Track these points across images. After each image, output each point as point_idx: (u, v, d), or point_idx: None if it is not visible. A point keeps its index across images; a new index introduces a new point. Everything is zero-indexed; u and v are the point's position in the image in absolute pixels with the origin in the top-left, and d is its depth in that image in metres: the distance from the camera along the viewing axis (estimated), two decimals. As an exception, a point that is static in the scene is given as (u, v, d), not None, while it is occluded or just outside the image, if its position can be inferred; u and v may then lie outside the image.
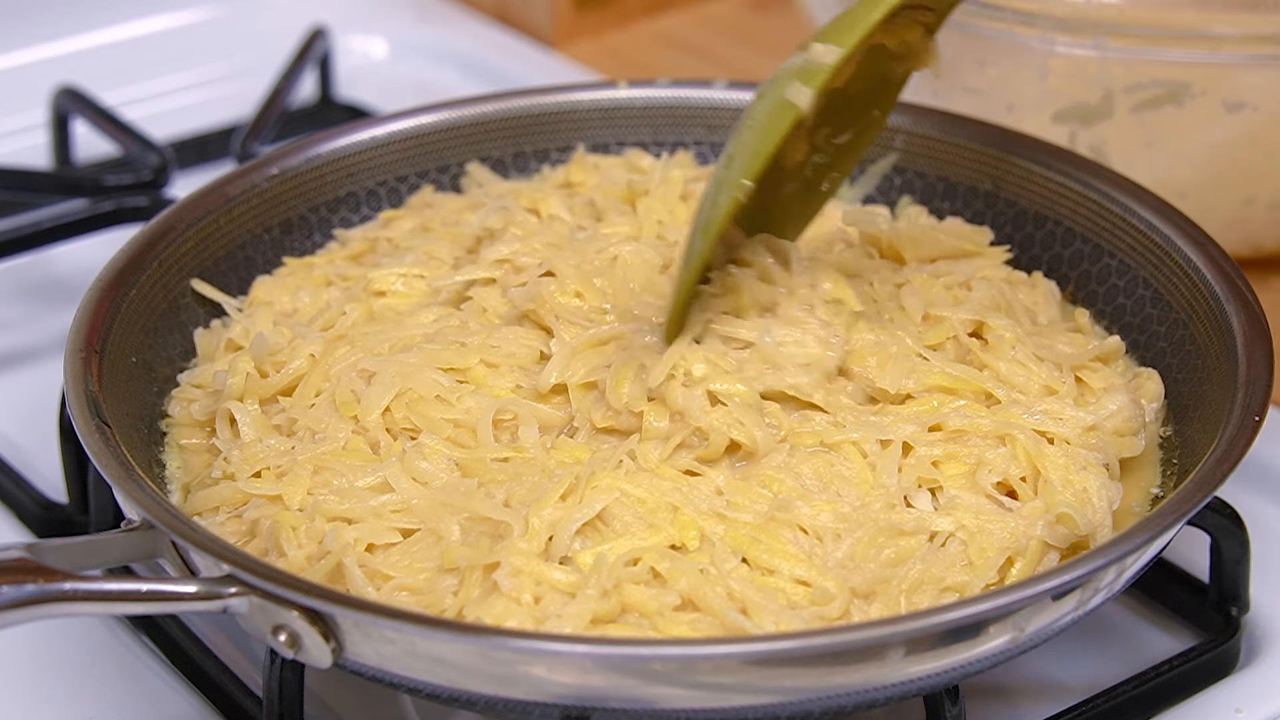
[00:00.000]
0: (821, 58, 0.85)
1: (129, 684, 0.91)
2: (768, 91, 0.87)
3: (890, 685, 0.76)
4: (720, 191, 0.86)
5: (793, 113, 0.85)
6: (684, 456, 0.84)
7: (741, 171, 0.85)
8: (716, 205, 0.86)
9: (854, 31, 0.86)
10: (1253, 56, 1.08)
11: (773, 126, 0.85)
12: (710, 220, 0.86)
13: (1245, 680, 0.90)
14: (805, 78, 0.85)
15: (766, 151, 0.85)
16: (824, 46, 0.86)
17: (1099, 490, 0.84)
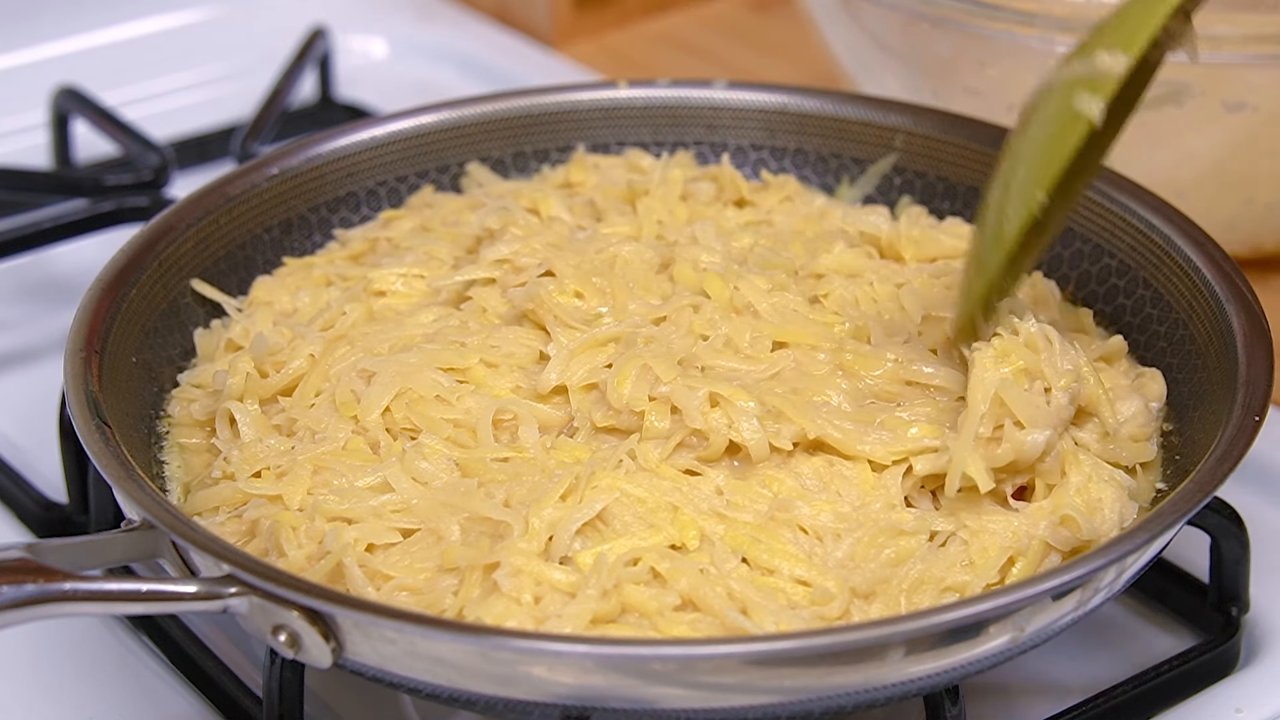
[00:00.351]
0: (1109, 67, 0.83)
1: (129, 684, 0.91)
2: (1046, 102, 0.85)
3: (890, 685, 0.76)
4: (1015, 206, 0.84)
5: (1085, 124, 0.83)
6: (684, 456, 0.84)
7: (1036, 184, 0.84)
8: (1012, 219, 0.84)
9: (1140, 35, 0.84)
10: (1253, 56, 1.08)
11: (1064, 138, 0.83)
12: (1003, 232, 0.85)
13: (1245, 680, 0.90)
14: (1094, 87, 0.83)
15: (1060, 163, 0.83)
16: (1110, 54, 0.84)
17: (1113, 503, 0.84)
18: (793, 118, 1.08)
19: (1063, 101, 0.84)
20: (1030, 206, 0.84)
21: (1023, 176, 0.84)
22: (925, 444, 0.84)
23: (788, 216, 1.03)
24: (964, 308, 0.87)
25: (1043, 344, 0.85)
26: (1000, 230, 0.85)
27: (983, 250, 0.86)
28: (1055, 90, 0.84)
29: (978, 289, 0.86)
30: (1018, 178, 0.85)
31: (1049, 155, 0.84)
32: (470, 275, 0.95)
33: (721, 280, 0.93)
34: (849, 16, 1.21)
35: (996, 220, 0.85)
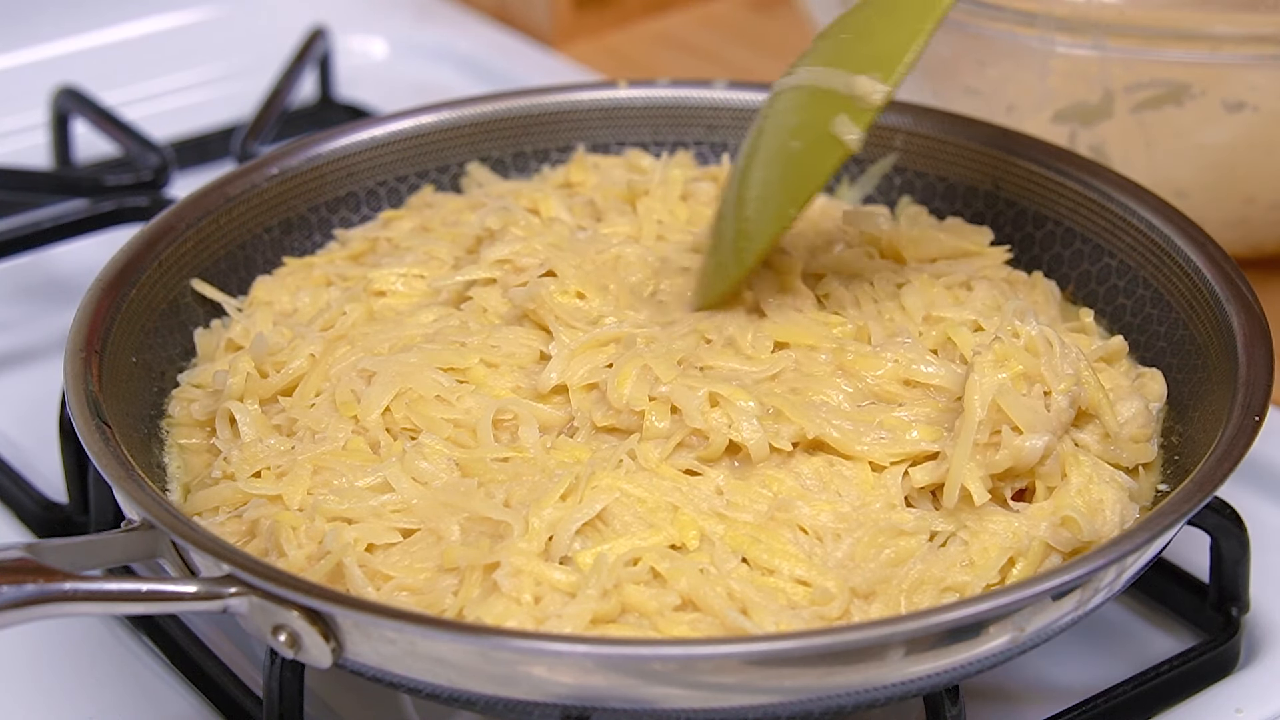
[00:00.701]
0: (870, 96, 0.85)
1: (129, 684, 0.91)
2: (794, 108, 0.87)
3: (890, 685, 0.76)
4: (761, 210, 0.87)
5: (843, 152, 0.85)
6: (684, 456, 0.84)
7: (789, 200, 0.86)
8: (758, 224, 0.87)
9: (901, 63, 0.85)
10: (1253, 56, 1.08)
11: (822, 163, 0.86)
12: (753, 239, 0.87)
13: (1245, 680, 0.90)
14: (855, 116, 0.85)
15: (815, 186, 0.86)
16: (870, 82, 0.85)
17: (1114, 504, 0.84)
18: (793, 118, 1.08)
19: (819, 117, 0.85)
20: (783, 222, 0.87)
21: (775, 188, 0.86)
22: (924, 447, 0.84)
23: (788, 216, 1.03)
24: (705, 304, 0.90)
25: (1043, 347, 0.85)
26: (749, 234, 0.87)
27: (724, 249, 0.88)
28: (807, 95, 0.86)
29: (719, 289, 0.89)
30: (767, 184, 0.86)
31: (805, 175, 0.86)
32: (470, 275, 0.95)
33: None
34: (849, 16, 1.21)
35: (739, 222, 0.87)
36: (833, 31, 0.90)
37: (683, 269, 0.96)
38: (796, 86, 0.87)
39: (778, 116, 0.88)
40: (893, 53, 0.85)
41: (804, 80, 0.87)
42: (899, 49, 0.85)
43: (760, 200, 0.87)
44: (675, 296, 0.95)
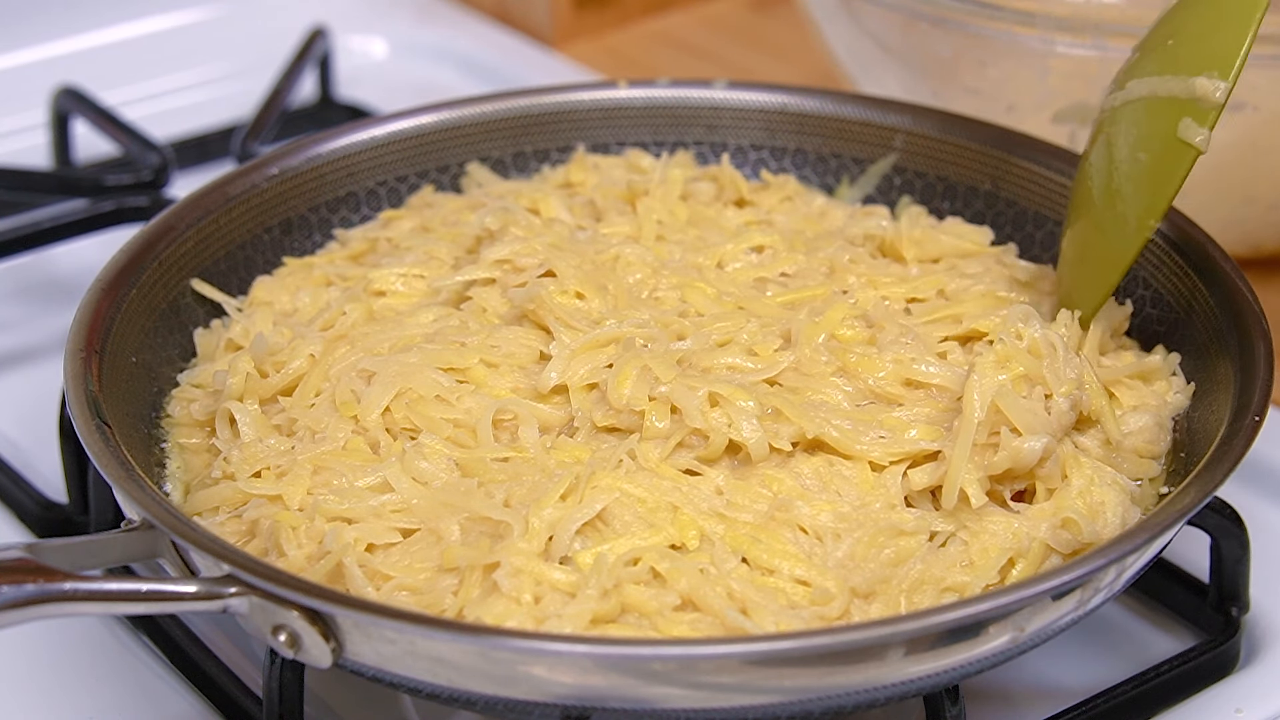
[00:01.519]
0: (1211, 94, 0.84)
1: (129, 684, 0.91)
2: (1138, 119, 0.87)
3: (890, 685, 0.76)
4: (1126, 232, 0.87)
5: (1193, 154, 0.85)
6: (684, 456, 0.84)
7: (1148, 213, 0.86)
8: (1126, 245, 0.88)
9: (1234, 59, 0.84)
10: (1253, 56, 1.08)
11: (1173, 168, 0.85)
12: (1123, 258, 0.89)
13: (1245, 680, 0.90)
14: (1199, 116, 0.85)
15: (1170, 192, 0.86)
16: (1209, 81, 0.84)
17: (1115, 506, 0.84)
18: (793, 118, 1.08)
19: (1162, 126, 0.85)
20: (1144, 233, 0.87)
21: (1130, 203, 0.86)
22: (923, 446, 0.84)
23: (788, 216, 1.03)
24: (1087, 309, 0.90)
25: (1046, 350, 0.85)
26: (1118, 255, 0.88)
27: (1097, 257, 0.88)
28: (1145, 106, 0.85)
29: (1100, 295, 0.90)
30: (1124, 197, 0.86)
31: (1159, 184, 0.86)
32: (470, 275, 0.95)
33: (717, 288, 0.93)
34: (849, 16, 1.21)
35: (1105, 235, 0.87)
36: (1154, 40, 0.90)
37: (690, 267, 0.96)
38: (1132, 100, 0.88)
39: (1119, 133, 0.88)
40: (1226, 50, 0.85)
41: (1140, 93, 0.87)
42: (1232, 45, 0.85)
43: (1118, 218, 0.88)
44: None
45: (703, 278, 0.96)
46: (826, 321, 0.91)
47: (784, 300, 0.94)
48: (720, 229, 1.01)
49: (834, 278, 0.96)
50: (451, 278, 0.95)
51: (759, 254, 0.98)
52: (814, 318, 0.91)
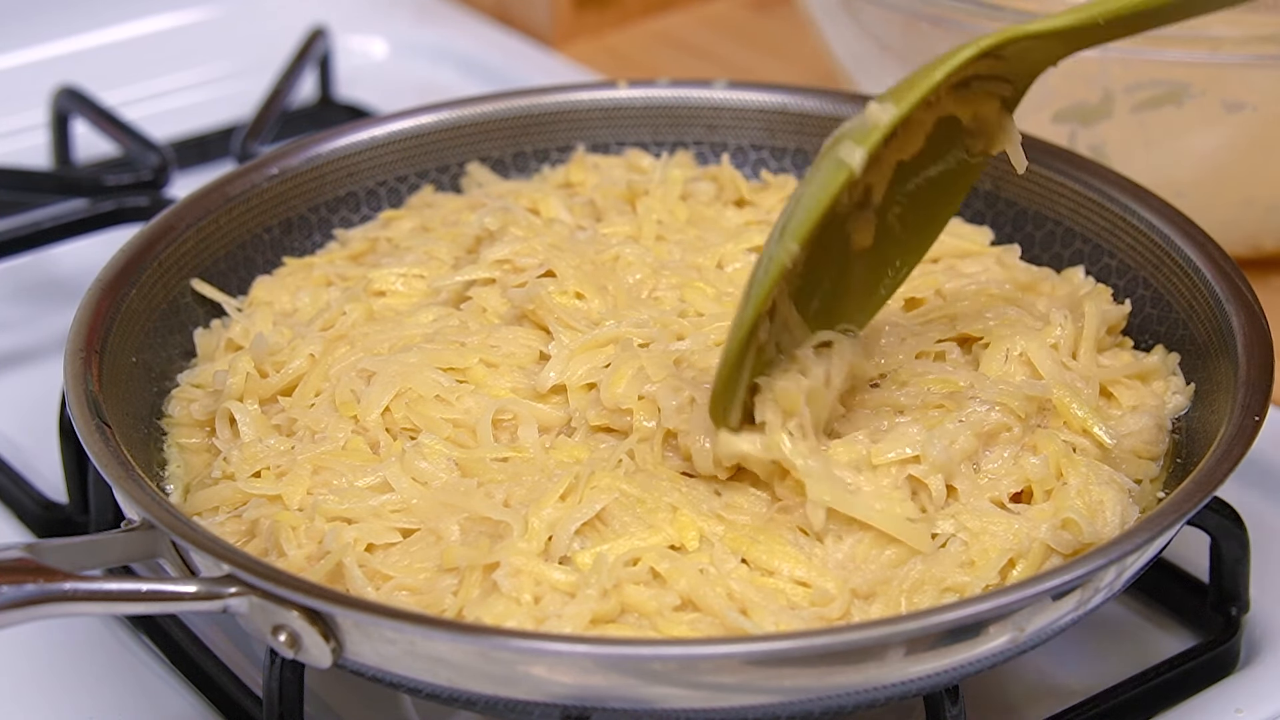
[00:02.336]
0: (877, 116, 0.81)
1: (129, 684, 0.91)
2: (821, 159, 0.82)
3: (890, 685, 0.76)
4: (768, 258, 0.81)
5: (844, 173, 0.80)
6: (674, 457, 0.84)
7: (791, 235, 0.80)
8: (765, 272, 0.80)
9: (913, 91, 0.82)
10: (1253, 56, 1.08)
11: (823, 188, 0.80)
12: (757, 287, 0.80)
13: (1245, 680, 0.90)
14: (859, 137, 0.81)
15: (816, 213, 0.80)
16: (879, 105, 0.82)
17: (1114, 505, 0.84)
18: (793, 118, 1.08)
19: (829, 153, 0.81)
20: (783, 258, 0.80)
21: (785, 233, 0.80)
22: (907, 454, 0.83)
23: (788, 216, 1.03)
24: (720, 369, 0.81)
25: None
26: (756, 286, 0.80)
27: (739, 309, 0.81)
28: (832, 146, 0.82)
29: (730, 349, 0.80)
30: (780, 237, 0.81)
31: (809, 206, 0.80)
32: (470, 275, 0.95)
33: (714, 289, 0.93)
34: (849, 16, 1.21)
35: (755, 278, 0.80)
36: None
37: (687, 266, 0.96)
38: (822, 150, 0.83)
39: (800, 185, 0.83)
40: (911, 86, 0.82)
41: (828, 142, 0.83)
42: (917, 82, 0.82)
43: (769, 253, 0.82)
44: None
45: (702, 278, 0.96)
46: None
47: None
48: (720, 229, 1.01)
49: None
50: (451, 278, 0.95)
51: (759, 254, 0.98)
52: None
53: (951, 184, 0.89)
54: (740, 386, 0.81)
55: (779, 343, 0.84)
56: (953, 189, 0.89)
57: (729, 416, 0.82)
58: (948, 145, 0.87)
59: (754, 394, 0.82)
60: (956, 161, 0.88)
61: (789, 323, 0.84)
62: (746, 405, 0.82)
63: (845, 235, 0.86)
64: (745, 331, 0.80)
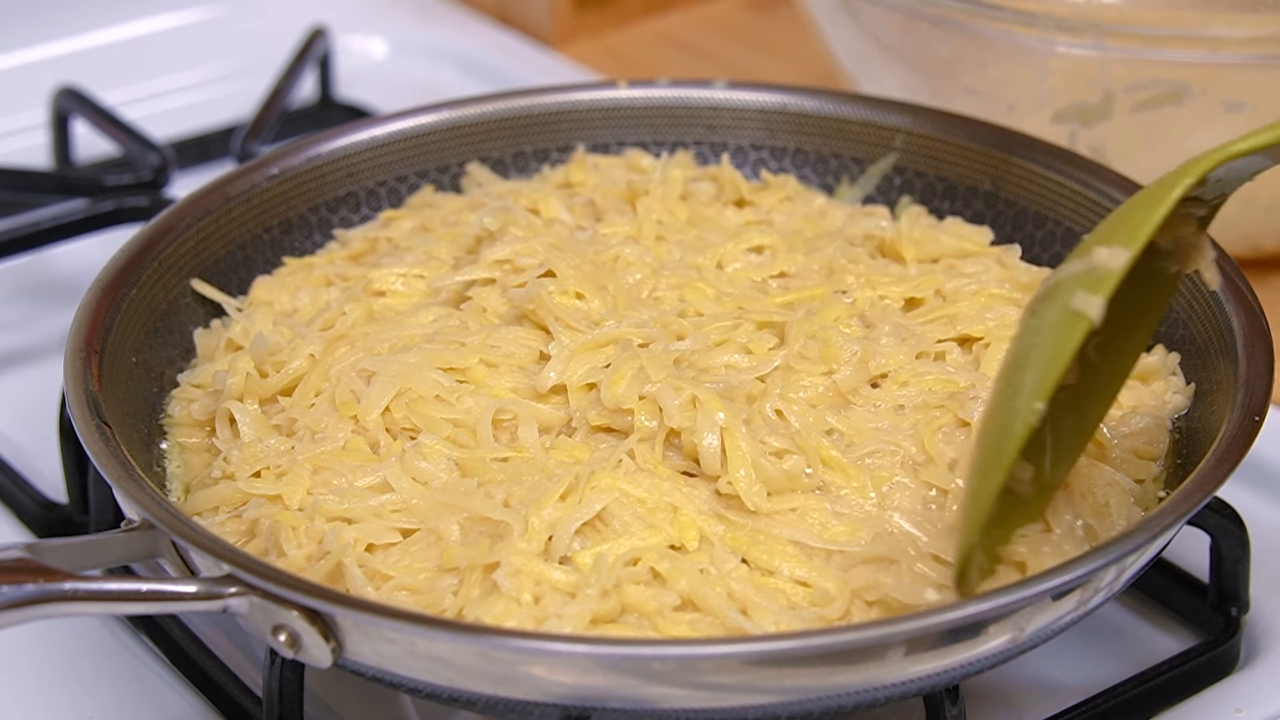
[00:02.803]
0: (1108, 263, 0.76)
1: (129, 684, 0.91)
2: (1044, 306, 0.78)
3: (890, 685, 0.76)
4: (1011, 419, 0.76)
5: (1084, 324, 0.76)
6: (675, 457, 0.84)
7: (1033, 395, 0.75)
8: (1008, 434, 0.76)
9: (1140, 231, 0.77)
10: (1253, 56, 1.08)
11: (1062, 342, 0.76)
12: (1004, 450, 0.76)
13: (1245, 680, 0.90)
14: (1092, 286, 0.76)
15: (1058, 369, 0.76)
16: (1109, 250, 0.77)
17: (1119, 507, 0.84)
18: (793, 118, 1.08)
19: (1061, 303, 0.77)
20: (1028, 419, 0.76)
21: (1023, 393, 0.76)
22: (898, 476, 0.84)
23: (788, 216, 1.03)
24: (962, 537, 0.77)
25: None
26: (1001, 448, 0.76)
27: (976, 475, 0.77)
28: (1054, 293, 0.78)
29: (974, 515, 0.77)
30: (1018, 396, 0.76)
31: (1049, 362, 0.76)
32: (470, 275, 0.95)
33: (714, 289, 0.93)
34: (849, 16, 1.21)
35: (997, 439, 0.77)
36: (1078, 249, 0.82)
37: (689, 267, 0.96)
38: (1043, 293, 0.79)
39: (1023, 329, 0.79)
40: (1135, 226, 0.78)
41: (1048, 284, 0.79)
42: (1142, 221, 0.78)
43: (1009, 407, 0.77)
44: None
45: (702, 278, 0.96)
46: (821, 320, 0.91)
47: (783, 300, 0.94)
48: (720, 229, 1.01)
49: (833, 278, 0.96)
50: (451, 278, 0.95)
51: (759, 254, 0.98)
52: (810, 317, 0.91)
53: (1151, 305, 0.85)
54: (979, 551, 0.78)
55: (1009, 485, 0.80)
56: (1152, 310, 0.85)
57: (970, 583, 0.78)
58: (1147, 269, 0.82)
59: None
60: (1154, 283, 0.84)
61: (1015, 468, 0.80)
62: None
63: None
64: (992, 498, 0.76)
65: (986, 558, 0.80)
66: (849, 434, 0.85)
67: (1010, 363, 0.78)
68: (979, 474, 0.77)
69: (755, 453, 0.82)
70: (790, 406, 0.86)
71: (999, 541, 0.80)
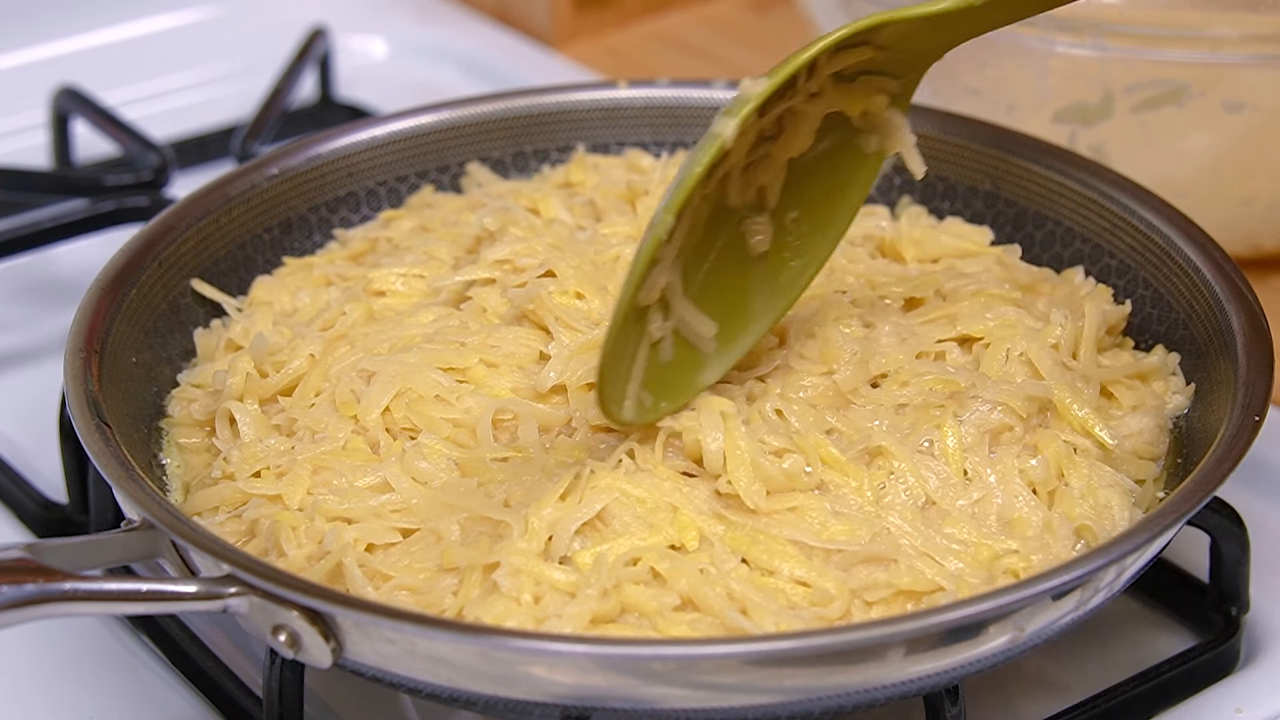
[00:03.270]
0: (748, 90, 0.82)
1: (129, 684, 0.91)
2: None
3: (890, 685, 0.76)
4: (647, 236, 0.81)
5: (716, 143, 0.80)
6: (676, 457, 0.84)
7: (665, 210, 0.80)
8: (640, 246, 0.81)
9: (786, 67, 0.82)
10: (1253, 56, 1.08)
11: (695, 160, 0.81)
12: (635, 266, 0.80)
13: (1245, 680, 0.90)
14: (731, 111, 0.81)
15: (689, 184, 0.80)
16: (752, 80, 0.82)
17: (1120, 509, 0.84)
18: (793, 118, 1.08)
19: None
20: (658, 231, 0.80)
21: (660, 207, 0.81)
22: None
23: (788, 216, 1.03)
24: (600, 355, 0.81)
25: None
26: (634, 262, 0.80)
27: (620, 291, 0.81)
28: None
29: (609, 330, 0.81)
30: (658, 211, 0.81)
31: (683, 179, 0.80)
32: (470, 275, 0.95)
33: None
34: (849, 17, 1.21)
35: (634, 257, 0.81)
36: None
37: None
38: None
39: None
40: (785, 62, 0.83)
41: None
42: (793, 57, 0.83)
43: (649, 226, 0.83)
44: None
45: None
46: (820, 320, 0.91)
47: (783, 300, 0.94)
48: (720, 229, 1.01)
49: (832, 278, 0.96)
50: (451, 278, 0.95)
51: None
52: (810, 317, 0.91)
53: (848, 185, 0.89)
54: (627, 374, 0.83)
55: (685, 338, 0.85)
56: (850, 190, 0.89)
57: (618, 408, 0.82)
58: (840, 145, 0.88)
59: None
60: (851, 161, 0.88)
61: (688, 319, 0.85)
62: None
63: (741, 237, 0.87)
64: (624, 308, 0.81)
65: (653, 395, 0.84)
66: (849, 433, 0.85)
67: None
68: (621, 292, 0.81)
69: (754, 452, 0.82)
70: (790, 406, 0.86)
71: (675, 391, 0.84)
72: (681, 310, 0.85)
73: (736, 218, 0.87)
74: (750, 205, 0.87)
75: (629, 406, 0.83)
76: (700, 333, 0.86)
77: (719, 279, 0.86)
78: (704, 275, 0.85)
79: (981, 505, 0.83)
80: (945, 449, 0.84)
